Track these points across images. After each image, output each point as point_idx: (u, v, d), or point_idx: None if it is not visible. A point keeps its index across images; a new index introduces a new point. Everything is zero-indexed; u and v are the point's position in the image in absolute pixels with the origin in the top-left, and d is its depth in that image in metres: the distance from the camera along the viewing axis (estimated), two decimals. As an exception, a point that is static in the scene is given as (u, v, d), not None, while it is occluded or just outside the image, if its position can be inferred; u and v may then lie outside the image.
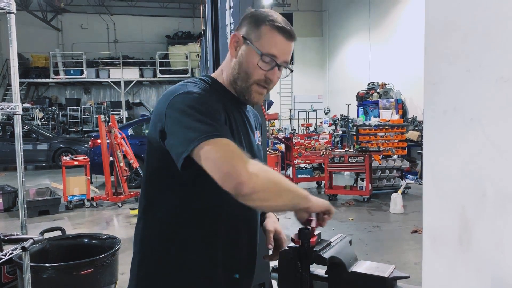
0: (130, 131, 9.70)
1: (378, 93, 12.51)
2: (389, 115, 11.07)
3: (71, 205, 7.43)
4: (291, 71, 1.36)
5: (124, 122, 16.43)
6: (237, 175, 1.05)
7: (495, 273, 0.62)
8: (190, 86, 1.23)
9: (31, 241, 2.23)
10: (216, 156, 1.08)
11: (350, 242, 1.29)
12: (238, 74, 1.29)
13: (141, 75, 18.75)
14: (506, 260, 0.61)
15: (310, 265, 1.19)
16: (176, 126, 1.14)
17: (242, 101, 1.34)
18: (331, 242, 1.24)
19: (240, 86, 1.29)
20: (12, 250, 2.29)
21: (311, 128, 13.28)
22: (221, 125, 1.15)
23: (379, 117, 10.99)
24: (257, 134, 1.46)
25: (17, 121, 2.48)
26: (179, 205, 1.26)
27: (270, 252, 1.41)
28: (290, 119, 16.47)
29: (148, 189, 1.32)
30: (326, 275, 1.18)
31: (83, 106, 19.64)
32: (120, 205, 7.62)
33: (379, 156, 8.35)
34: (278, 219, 1.53)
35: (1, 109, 2.37)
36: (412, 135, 10.40)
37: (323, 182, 8.71)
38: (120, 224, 6.65)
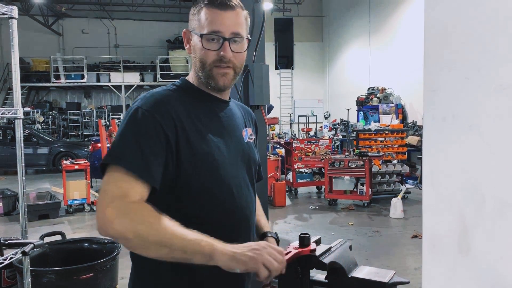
0: (130, 135, 9.69)
1: (378, 98, 12.52)
2: (389, 120, 11.07)
3: (71, 209, 7.43)
4: (249, 39, 1.30)
5: (125, 126, 16.42)
6: (97, 217, 1.07)
7: (494, 279, 0.63)
8: (145, 100, 1.23)
9: (32, 245, 2.23)
10: (102, 186, 1.12)
11: (350, 247, 1.29)
12: (195, 65, 1.28)
13: (142, 80, 18.79)
14: (505, 266, 0.61)
15: (310, 271, 1.19)
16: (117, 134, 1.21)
17: (213, 89, 1.30)
18: (331, 247, 1.24)
19: (203, 75, 1.27)
20: (12, 254, 2.29)
21: (311, 133, 13.29)
22: (135, 154, 1.12)
23: (379, 122, 11.00)
24: (248, 131, 1.41)
25: (18, 125, 2.48)
26: (170, 209, 1.23)
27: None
28: (290, 124, 16.52)
29: None
30: (326, 281, 1.18)
31: (83, 110, 19.67)
32: (120, 209, 7.61)
33: (379, 161, 8.35)
34: (278, 240, 1.47)
35: (3, 113, 2.38)
36: (412, 140, 10.40)
37: (323, 186, 8.70)
38: (120, 228, 6.64)
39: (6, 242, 2.26)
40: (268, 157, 6.92)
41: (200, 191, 1.23)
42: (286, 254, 1.13)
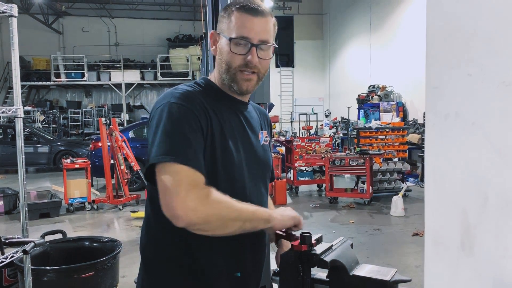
0: (131, 134, 9.71)
1: (379, 95, 12.51)
2: (389, 117, 11.06)
3: (72, 207, 7.43)
4: (276, 47, 1.31)
5: (125, 125, 16.45)
6: (173, 209, 1.08)
7: (497, 278, 0.62)
8: (175, 95, 1.22)
9: (32, 244, 2.23)
10: (162, 182, 1.11)
11: (352, 246, 1.28)
12: (221, 67, 1.28)
13: (142, 78, 18.77)
14: (508, 264, 0.61)
15: (312, 269, 1.19)
16: (149, 139, 1.19)
17: (235, 92, 1.31)
18: (332, 245, 1.24)
19: (226, 78, 1.28)
20: (13, 253, 2.30)
21: (312, 131, 13.29)
22: (184, 146, 1.14)
23: (379, 120, 10.98)
24: (263, 134, 1.43)
25: (19, 124, 2.48)
26: None
27: None
28: (291, 122, 16.50)
29: (151, 193, 1.31)
30: (328, 279, 1.18)
31: (84, 109, 19.67)
32: (121, 207, 7.62)
33: (380, 158, 8.35)
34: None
35: (3, 112, 2.38)
36: (413, 137, 10.39)
37: (324, 184, 8.70)
38: (121, 227, 6.65)
39: (7, 241, 2.25)
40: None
41: (215, 188, 1.24)
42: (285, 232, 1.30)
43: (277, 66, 18.23)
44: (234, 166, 1.26)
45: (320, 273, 1.22)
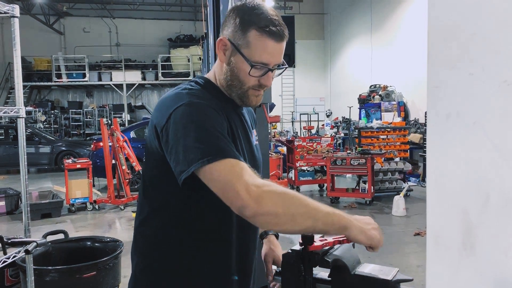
0: (132, 134, 9.73)
1: (380, 95, 12.50)
2: (391, 117, 11.04)
3: (73, 208, 7.45)
4: (286, 67, 1.29)
5: (126, 125, 16.46)
6: (240, 198, 1.03)
7: (499, 277, 0.62)
8: (189, 95, 1.18)
9: (34, 244, 2.24)
10: (220, 179, 1.06)
11: (353, 245, 1.28)
12: (231, 81, 1.25)
13: (143, 78, 18.79)
14: (509, 264, 0.61)
15: (313, 268, 1.19)
16: (178, 143, 1.11)
17: (239, 104, 1.32)
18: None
19: (236, 92, 1.27)
20: (16, 253, 2.30)
21: (313, 131, 13.28)
22: (224, 142, 1.11)
23: (381, 120, 10.97)
24: (254, 133, 1.43)
25: (21, 124, 2.48)
26: (186, 211, 1.24)
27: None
28: (292, 122, 16.49)
29: (151, 193, 1.29)
30: (330, 278, 1.18)
31: (85, 109, 19.70)
32: (122, 208, 7.63)
33: (381, 158, 8.34)
34: (277, 236, 1.49)
35: (5, 112, 2.38)
36: (414, 137, 10.39)
37: (325, 184, 8.70)
38: (123, 227, 6.66)
39: (9, 241, 2.26)
40: (270, 155, 6.91)
41: None
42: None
43: (278, 66, 18.20)
44: None
45: (322, 273, 1.22)
